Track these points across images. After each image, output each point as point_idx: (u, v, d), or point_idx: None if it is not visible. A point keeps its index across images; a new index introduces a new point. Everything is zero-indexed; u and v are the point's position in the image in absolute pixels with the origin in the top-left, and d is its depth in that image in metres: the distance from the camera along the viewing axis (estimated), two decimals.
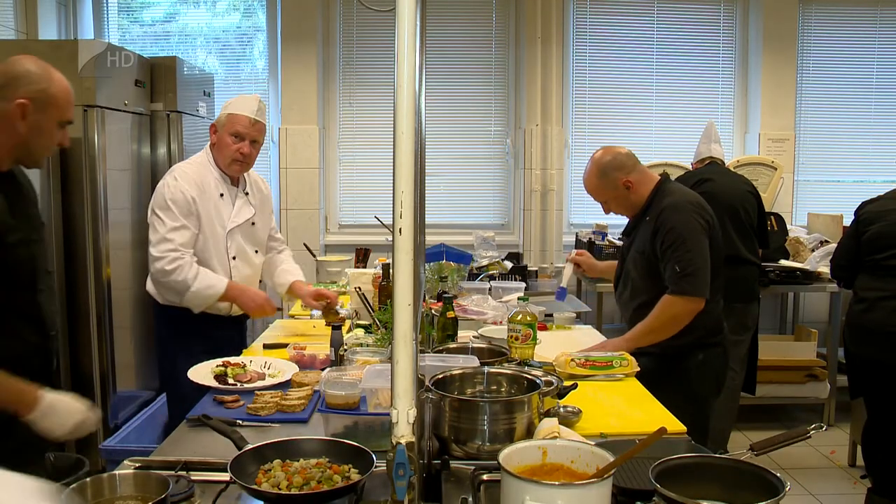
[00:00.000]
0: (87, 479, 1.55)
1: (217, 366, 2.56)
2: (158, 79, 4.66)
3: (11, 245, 2.04)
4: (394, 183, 1.14)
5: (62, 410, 1.95)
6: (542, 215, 5.68)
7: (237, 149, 3.13)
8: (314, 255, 4.65)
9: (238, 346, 3.19)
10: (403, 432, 1.13)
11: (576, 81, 5.81)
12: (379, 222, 4.76)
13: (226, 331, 3.18)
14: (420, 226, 1.22)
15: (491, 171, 5.92)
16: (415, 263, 1.12)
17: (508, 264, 4.56)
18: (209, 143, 3.22)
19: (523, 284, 3.82)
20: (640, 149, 3.26)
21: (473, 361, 2.21)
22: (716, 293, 2.90)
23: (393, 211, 1.14)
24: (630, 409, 2.31)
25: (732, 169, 5.01)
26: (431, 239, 4.35)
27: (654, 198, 2.95)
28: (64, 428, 1.95)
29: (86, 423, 1.99)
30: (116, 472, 1.61)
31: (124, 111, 4.29)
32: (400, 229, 1.14)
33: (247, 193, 3.28)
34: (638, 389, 2.50)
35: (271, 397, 2.24)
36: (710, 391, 2.93)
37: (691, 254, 2.80)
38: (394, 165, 1.14)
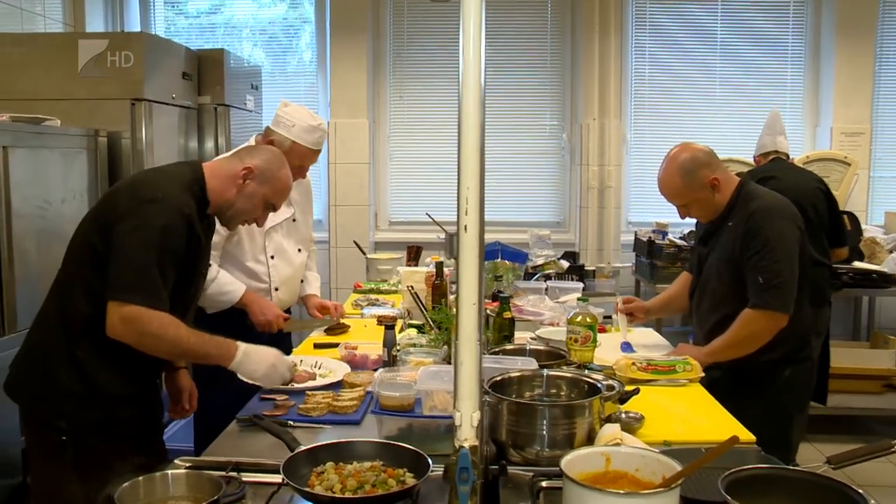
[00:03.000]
0: (140, 478, 1.59)
1: None
2: (206, 72, 4.75)
3: (201, 276, 2.42)
4: (459, 179, 1.14)
5: (256, 357, 2.26)
6: (600, 213, 5.64)
7: (296, 174, 3.18)
8: (364, 253, 4.68)
9: (288, 344, 3.23)
10: (467, 435, 1.13)
11: (635, 73, 5.75)
12: (430, 219, 4.76)
13: (272, 335, 3.21)
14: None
15: (546, 166, 5.89)
16: (480, 262, 1.11)
17: (565, 264, 4.54)
18: (256, 139, 3.24)
19: (581, 285, 3.79)
20: (706, 142, 3.18)
21: (532, 364, 2.20)
22: (802, 302, 2.80)
23: (458, 208, 1.15)
24: (695, 416, 2.28)
25: (801, 165, 4.90)
26: (486, 237, 4.35)
27: (738, 200, 2.81)
28: (258, 371, 2.25)
29: (278, 366, 2.29)
30: (169, 471, 1.64)
31: (171, 104, 4.38)
32: (465, 226, 1.15)
33: None
34: (702, 396, 2.46)
35: (323, 398, 2.27)
36: (796, 408, 2.85)
37: (779, 265, 2.67)
38: (458, 161, 1.15)
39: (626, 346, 2.99)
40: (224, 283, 3.08)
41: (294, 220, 3.32)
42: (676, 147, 2.88)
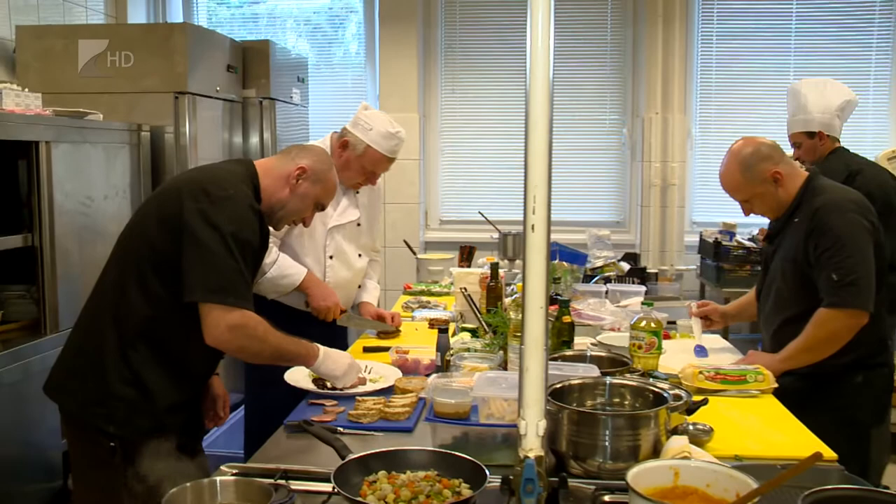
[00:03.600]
0: (188, 484, 1.62)
1: None
2: (251, 64, 4.82)
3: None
4: (526, 177, 1.15)
5: (335, 356, 2.45)
6: (662, 212, 5.58)
7: (367, 179, 3.27)
8: (414, 253, 4.70)
9: (343, 342, 3.26)
10: (532, 445, 1.13)
11: (701, 64, 5.67)
12: (484, 218, 4.77)
13: (325, 331, 3.24)
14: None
15: (605, 163, 5.85)
16: (547, 263, 1.12)
17: (625, 266, 4.50)
18: (332, 137, 3.28)
19: (643, 288, 3.76)
20: (777, 139, 3.13)
21: (593, 371, 2.19)
22: (880, 305, 2.74)
23: (524, 207, 1.15)
24: (768, 430, 2.24)
25: (886, 161, 4.77)
26: None
27: (804, 195, 2.79)
28: (338, 371, 2.44)
29: (354, 367, 2.50)
30: (217, 478, 1.67)
31: (216, 98, 4.45)
32: (532, 226, 1.15)
33: (357, 193, 3.35)
34: (776, 409, 2.42)
35: (374, 404, 2.28)
36: (870, 419, 2.78)
37: (852, 260, 2.62)
38: (525, 158, 1.15)
39: (700, 351, 2.96)
40: (285, 266, 3.13)
41: (359, 225, 3.36)
42: (739, 140, 2.89)
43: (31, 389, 2.98)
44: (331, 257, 3.26)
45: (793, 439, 2.16)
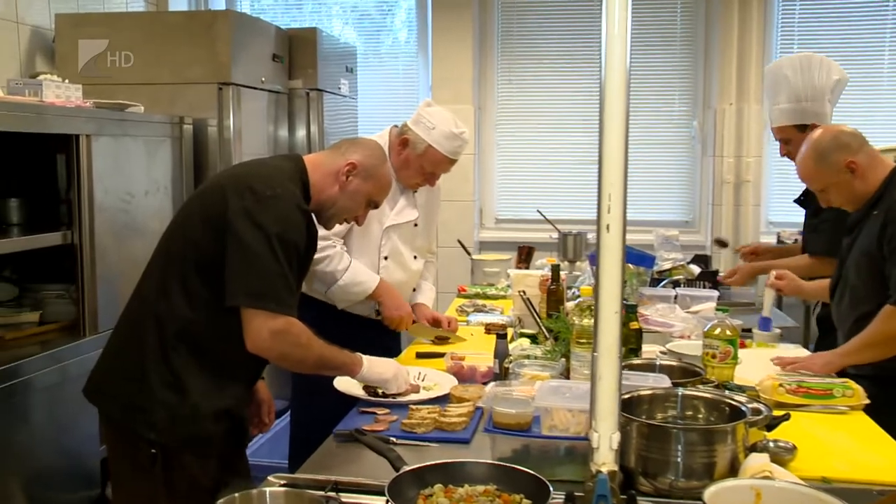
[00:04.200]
0: (236, 494, 1.63)
1: None
2: (297, 53, 4.87)
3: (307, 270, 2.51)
4: (600, 174, 1.15)
5: (380, 365, 2.48)
6: (735, 211, 5.50)
7: (426, 180, 3.29)
8: (469, 254, 4.71)
9: (389, 353, 3.28)
10: (605, 459, 1.12)
11: (781, 50, 5.57)
12: (542, 217, 4.76)
13: (377, 335, 3.26)
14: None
15: (673, 159, 5.80)
16: (622, 266, 1.11)
17: (695, 269, 4.44)
18: (391, 132, 3.30)
19: (715, 293, 3.70)
20: (868, 130, 3.08)
21: (664, 381, 2.16)
22: None
23: (599, 206, 1.15)
24: (859, 449, 2.19)
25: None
26: None
27: (887, 188, 2.79)
28: (387, 373, 2.47)
29: (402, 372, 2.52)
30: (266, 488, 1.69)
31: (260, 89, 4.50)
32: (608, 226, 1.16)
33: (415, 192, 3.37)
34: (867, 426, 2.36)
35: (428, 413, 2.28)
36: None
37: None
38: (600, 154, 1.15)
39: (765, 323, 2.97)
40: (358, 272, 3.17)
41: (416, 226, 3.38)
42: (818, 129, 2.92)
43: (68, 393, 3.05)
44: (385, 258, 3.28)
45: (889, 461, 2.10)
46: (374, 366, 2.45)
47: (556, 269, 3.29)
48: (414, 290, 3.51)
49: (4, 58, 4.15)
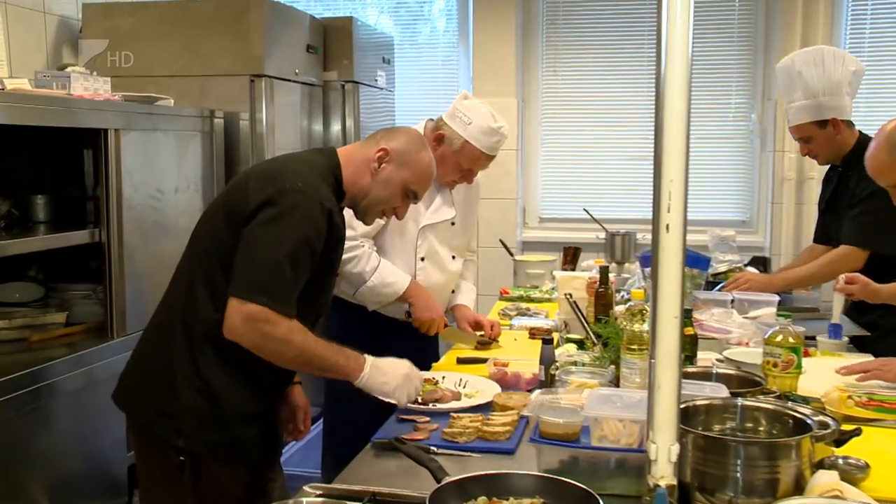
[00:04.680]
0: None
1: None
2: (332, 44, 4.89)
3: (335, 277, 2.51)
4: (659, 170, 1.15)
5: (386, 368, 2.34)
6: (797, 210, 5.43)
7: (463, 177, 3.30)
8: (511, 254, 4.70)
9: (427, 357, 3.29)
10: (664, 472, 1.12)
11: (850, 38, 5.46)
12: (589, 216, 4.74)
13: (414, 338, 3.27)
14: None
15: (730, 154, 5.72)
16: (682, 267, 1.10)
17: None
18: (426, 127, 3.31)
19: (776, 297, 3.66)
20: None
21: (721, 391, 2.15)
22: None
23: (657, 204, 1.15)
24: None
25: None
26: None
27: None
28: (390, 384, 2.32)
29: (413, 378, 2.37)
30: (303, 499, 1.69)
31: (294, 81, 4.53)
32: (667, 226, 1.15)
33: (452, 189, 3.38)
34: None
35: (471, 421, 2.28)
36: None
37: None
38: (658, 149, 1.15)
39: (835, 330, 2.96)
40: (387, 273, 3.19)
41: (453, 224, 3.39)
42: (893, 120, 2.82)
43: (95, 397, 3.08)
44: (422, 259, 3.30)
45: None
46: (379, 371, 2.32)
47: (604, 271, 3.28)
48: (453, 291, 3.51)
49: (30, 49, 4.22)
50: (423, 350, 3.29)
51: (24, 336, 3.23)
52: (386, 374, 2.32)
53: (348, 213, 2.52)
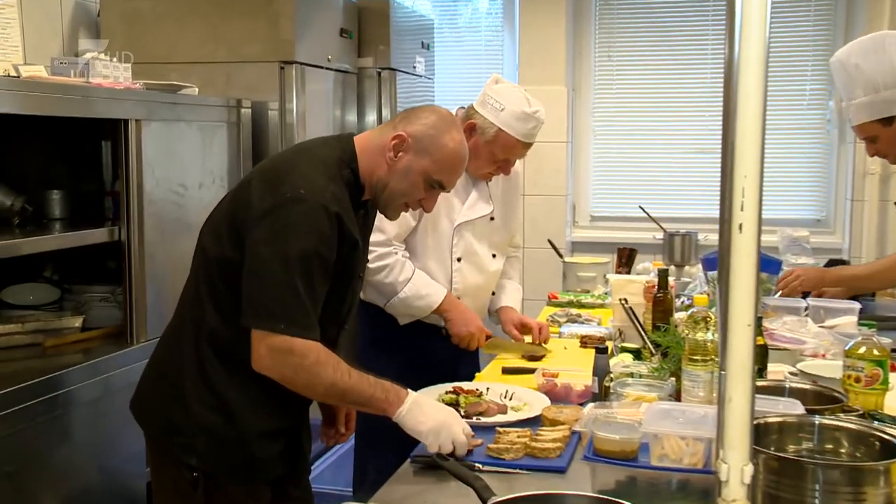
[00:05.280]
0: None
1: (447, 392, 2.64)
2: (367, 28, 4.90)
3: (359, 282, 2.49)
4: (731, 163, 1.13)
5: (427, 409, 2.23)
6: (881, 208, 5.35)
7: (499, 169, 3.28)
8: (560, 256, 4.68)
9: (466, 366, 3.27)
10: (736, 495, 1.10)
11: None
12: (646, 215, 4.71)
13: (451, 346, 3.26)
14: None
15: (804, 146, 5.67)
16: (756, 271, 1.09)
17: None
18: (456, 115, 3.30)
19: (857, 305, 3.60)
20: None
21: (796, 407, 2.11)
22: None
23: (728, 201, 1.13)
24: None
25: None
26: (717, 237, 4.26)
27: None
28: (425, 424, 2.18)
29: (452, 426, 2.21)
30: None
31: (327, 68, 4.54)
32: (740, 226, 1.13)
33: (489, 182, 3.37)
34: None
35: (518, 437, 2.27)
36: None
37: None
38: (730, 139, 1.13)
39: None
40: (422, 285, 3.18)
41: (492, 220, 3.38)
42: None
43: (113, 407, 3.11)
44: (458, 259, 3.28)
45: None
46: (418, 409, 2.22)
47: (663, 275, 3.24)
48: (493, 293, 3.49)
49: (46, 34, 4.26)
50: (460, 358, 3.28)
51: (37, 341, 3.25)
52: (425, 415, 2.21)
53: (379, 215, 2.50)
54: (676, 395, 2.50)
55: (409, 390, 2.26)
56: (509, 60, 5.90)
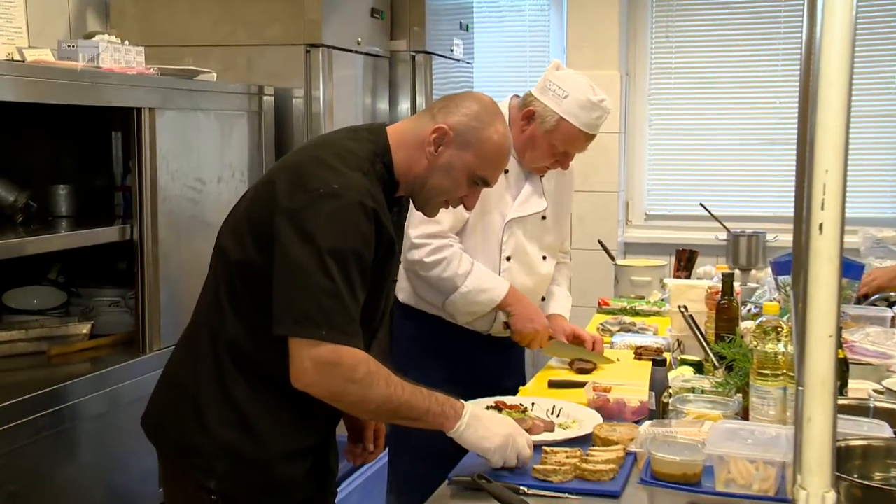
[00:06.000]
0: None
1: (487, 407, 2.62)
2: (400, 8, 4.91)
3: (393, 285, 2.50)
4: (810, 157, 1.11)
5: (489, 422, 2.25)
6: None
7: (557, 162, 3.28)
8: (612, 258, 4.67)
9: (510, 377, 3.26)
10: None
11: None
12: (708, 213, 4.68)
13: (495, 355, 3.26)
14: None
15: (884, 136, 5.63)
16: (839, 277, 1.07)
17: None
18: (510, 104, 3.31)
19: None
20: None
21: (883, 430, 2.10)
22: None
23: (806, 198, 1.11)
24: None
25: None
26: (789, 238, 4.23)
27: None
28: (492, 441, 2.21)
29: (517, 439, 2.24)
30: None
31: (356, 52, 4.54)
32: (821, 226, 1.11)
33: (542, 177, 3.36)
34: None
35: (567, 457, 2.26)
36: None
37: None
38: (807, 132, 1.12)
39: None
40: (484, 278, 3.19)
41: (544, 218, 3.38)
42: None
43: (123, 422, 3.12)
44: (508, 258, 3.28)
45: None
46: (479, 424, 2.22)
47: (728, 280, 3.21)
48: (543, 298, 3.48)
49: (52, 14, 4.28)
50: (504, 368, 3.28)
51: (42, 349, 3.26)
52: (488, 430, 2.22)
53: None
54: (743, 414, 2.49)
55: (464, 401, 2.26)
56: (556, 43, 5.89)
